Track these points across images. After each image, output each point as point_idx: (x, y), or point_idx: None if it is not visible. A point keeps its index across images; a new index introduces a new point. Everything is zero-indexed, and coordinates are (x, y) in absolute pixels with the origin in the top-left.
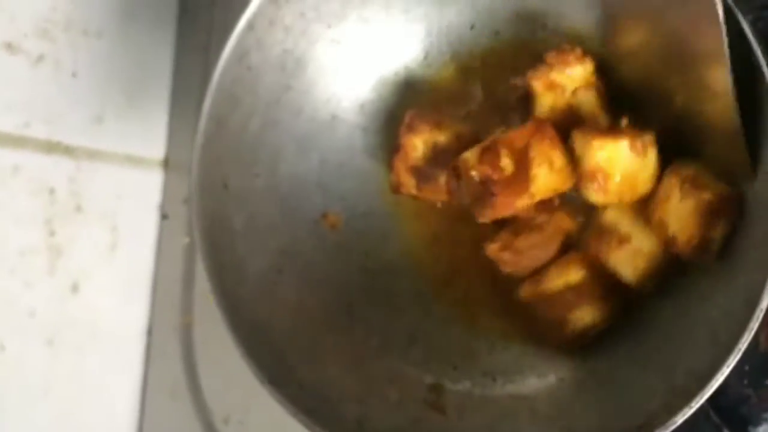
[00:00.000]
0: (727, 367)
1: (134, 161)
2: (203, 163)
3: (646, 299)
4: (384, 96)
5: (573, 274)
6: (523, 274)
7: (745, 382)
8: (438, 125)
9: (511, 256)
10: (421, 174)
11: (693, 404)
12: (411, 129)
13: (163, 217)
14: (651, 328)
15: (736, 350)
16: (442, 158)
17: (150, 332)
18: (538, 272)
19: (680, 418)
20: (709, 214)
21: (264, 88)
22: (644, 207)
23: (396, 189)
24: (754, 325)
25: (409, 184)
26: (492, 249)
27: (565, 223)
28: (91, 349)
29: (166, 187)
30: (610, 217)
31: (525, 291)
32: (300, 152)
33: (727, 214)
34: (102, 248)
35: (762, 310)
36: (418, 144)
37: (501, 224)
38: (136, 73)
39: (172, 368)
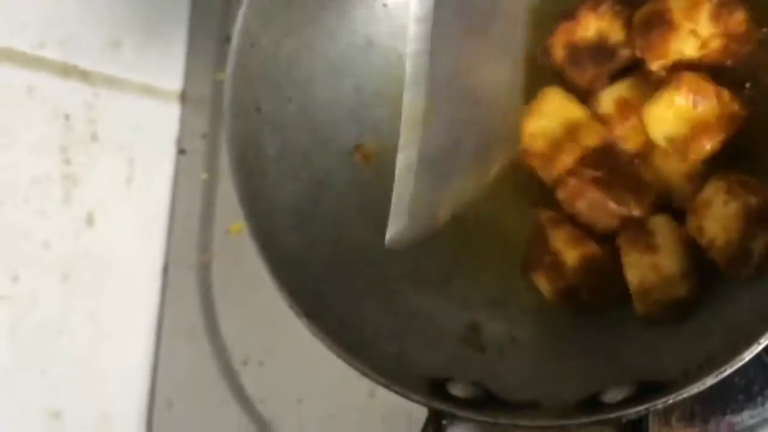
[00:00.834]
0: None
1: (152, 92)
2: (236, 83)
3: None
4: None
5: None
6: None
7: None
8: (620, 23)
9: (572, 191)
10: (576, 54)
11: (762, 340)
12: (595, 8)
13: (181, 152)
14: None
15: None
16: (600, 55)
17: (166, 270)
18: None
19: (747, 356)
20: (753, 222)
21: (299, 6)
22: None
23: (544, 54)
24: None
25: (558, 54)
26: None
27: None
28: (106, 286)
29: (184, 121)
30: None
31: None
32: (334, 77)
33: None
34: (118, 180)
35: None
36: (592, 26)
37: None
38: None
39: (188, 308)
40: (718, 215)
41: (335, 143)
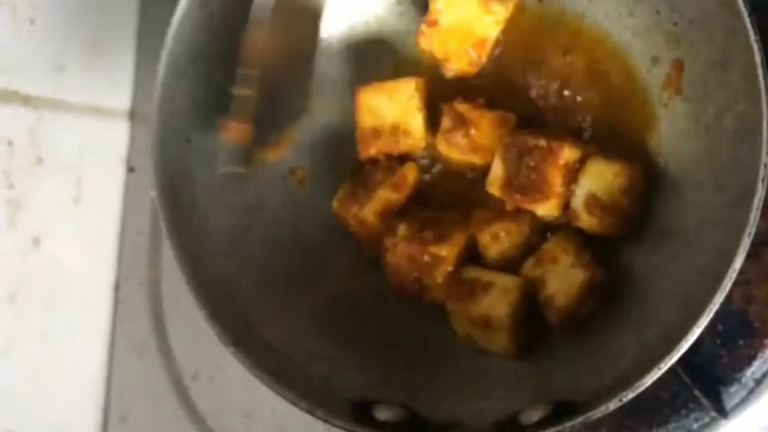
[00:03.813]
0: (698, 327)
1: (99, 112)
2: (163, 116)
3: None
4: (354, 46)
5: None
6: None
7: (718, 341)
8: None
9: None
10: None
11: (662, 365)
12: None
13: (130, 170)
14: (624, 289)
15: (708, 310)
16: None
17: (117, 287)
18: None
19: (649, 380)
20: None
21: (227, 37)
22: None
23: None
24: (727, 284)
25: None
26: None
27: None
28: (55, 305)
29: (133, 139)
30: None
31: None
32: None
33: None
34: (65, 201)
35: (735, 270)
36: None
37: None
38: (100, 19)
39: (139, 324)
40: (563, 275)
41: (269, 167)
